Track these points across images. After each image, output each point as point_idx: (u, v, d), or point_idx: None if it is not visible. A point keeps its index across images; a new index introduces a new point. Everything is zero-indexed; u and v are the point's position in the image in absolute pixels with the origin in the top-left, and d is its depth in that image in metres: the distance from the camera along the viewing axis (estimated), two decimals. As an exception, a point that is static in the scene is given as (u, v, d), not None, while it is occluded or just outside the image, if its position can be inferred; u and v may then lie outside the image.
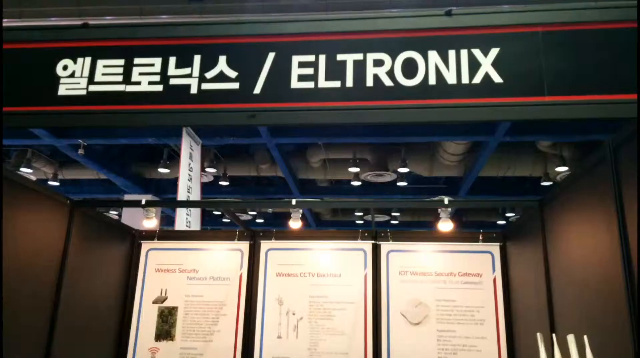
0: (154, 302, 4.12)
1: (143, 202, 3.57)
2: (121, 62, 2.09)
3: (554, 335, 2.09)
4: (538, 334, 2.04)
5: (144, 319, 4.08)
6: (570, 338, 1.96)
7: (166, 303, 4.10)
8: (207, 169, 9.07)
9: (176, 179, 6.65)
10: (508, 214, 10.63)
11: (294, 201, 3.61)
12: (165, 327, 4.04)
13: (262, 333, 3.97)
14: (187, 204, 5.95)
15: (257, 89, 2.02)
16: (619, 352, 2.06)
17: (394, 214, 11.73)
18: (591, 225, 2.47)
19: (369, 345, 3.86)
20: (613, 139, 2.25)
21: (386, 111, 1.93)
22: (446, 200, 3.42)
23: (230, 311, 4.05)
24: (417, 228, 12.17)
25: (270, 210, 9.88)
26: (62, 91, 2.06)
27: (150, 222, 3.70)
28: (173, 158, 8.96)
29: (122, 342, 4.03)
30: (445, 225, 3.60)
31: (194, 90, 2.02)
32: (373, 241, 4.09)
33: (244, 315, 4.03)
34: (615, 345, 2.10)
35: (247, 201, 7.87)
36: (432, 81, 1.98)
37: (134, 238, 4.27)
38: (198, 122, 2.05)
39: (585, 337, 1.96)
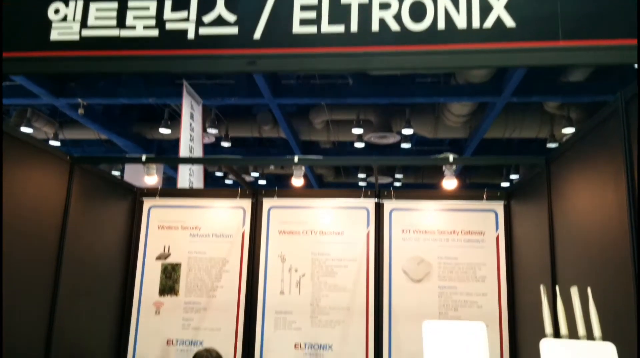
0: (157, 259, 4.13)
1: (143, 158, 3.53)
2: (115, 5, 2.00)
3: (557, 286, 2.06)
4: (542, 286, 2.02)
5: (148, 275, 4.11)
6: (574, 291, 1.94)
7: (169, 260, 4.12)
8: (209, 130, 8.99)
9: (178, 140, 6.59)
10: (512, 176, 10.57)
11: (296, 159, 3.56)
12: (169, 282, 4.07)
13: (264, 289, 4.00)
14: (188, 161, 5.90)
15: (257, 35, 1.93)
16: (622, 305, 2.04)
17: (397, 176, 11.69)
18: (598, 181, 2.42)
19: (370, 301, 3.89)
20: (625, 91, 2.17)
21: (392, 57, 1.84)
22: (451, 157, 3.36)
23: (233, 268, 4.07)
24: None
25: (272, 167, 9.82)
26: (55, 36, 1.98)
27: (152, 178, 3.66)
28: (174, 119, 8.87)
29: (127, 297, 4.07)
30: (450, 183, 3.55)
31: (191, 35, 1.94)
32: (376, 200, 4.06)
33: (246, 272, 4.04)
34: (618, 297, 2.08)
35: (249, 159, 7.82)
36: (441, 25, 1.89)
37: (136, 196, 4.25)
38: (195, 69, 1.98)
39: (589, 288, 1.94)
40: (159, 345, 3.98)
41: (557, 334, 1.97)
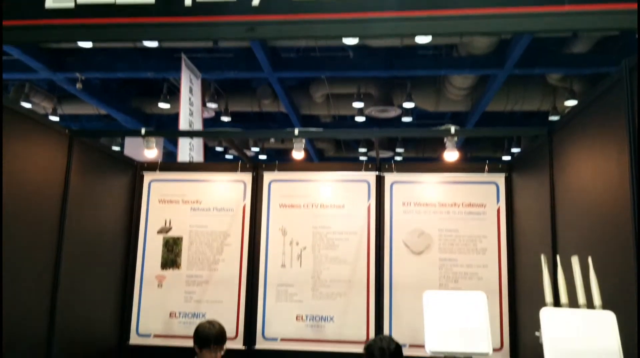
0: (158, 232, 4.14)
1: (143, 132, 3.50)
2: (110, -29, 1.95)
3: (557, 256, 2.07)
4: (542, 256, 2.03)
5: (150, 249, 4.12)
6: (574, 260, 1.95)
7: (171, 234, 4.13)
8: (209, 104, 8.92)
9: (177, 115, 6.54)
10: (514, 150, 10.53)
11: (296, 131, 3.54)
12: (171, 256, 4.09)
13: (266, 262, 4.02)
14: (188, 133, 5.87)
15: (256, 1, 1.89)
16: (623, 275, 2.05)
17: (398, 150, 11.65)
18: (601, 151, 2.40)
19: (371, 273, 3.91)
20: (630, 60, 2.14)
21: (394, 23, 1.80)
22: (452, 129, 3.34)
23: (234, 241, 4.08)
24: (422, 163, 12.11)
25: (272, 140, 9.79)
26: (50, 3, 1.94)
27: (151, 152, 3.64)
28: (173, 93, 8.80)
29: (129, 271, 4.09)
30: (451, 155, 3.53)
31: (188, 2, 1.89)
32: (377, 173, 4.05)
33: (247, 245, 4.06)
34: (618, 268, 2.09)
35: (249, 132, 7.78)
36: (443, -10, 1.84)
37: (136, 170, 4.24)
38: (193, 36, 1.94)
39: (589, 258, 1.94)
40: (161, 317, 4.02)
41: (557, 304, 1.98)
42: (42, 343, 3.11)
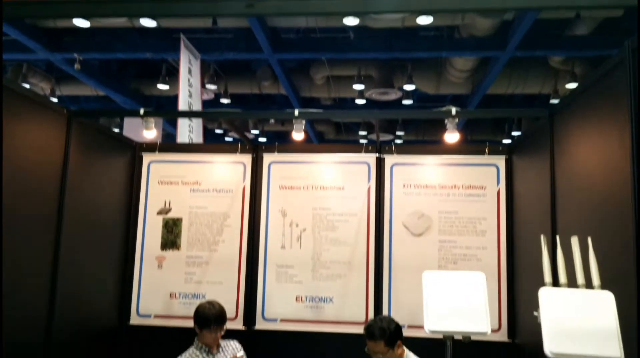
0: (158, 213, 4.14)
1: (141, 112, 3.48)
2: (106, -54, 1.91)
3: (557, 236, 2.07)
4: (542, 236, 2.03)
5: (149, 230, 4.13)
6: (574, 240, 1.95)
7: (170, 215, 4.13)
8: (208, 86, 8.85)
9: (176, 97, 6.50)
10: (514, 133, 10.50)
11: (296, 112, 3.51)
12: (171, 237, 4.10)
13: (266, 244, 4.03)
14: (187, 114, 5.84)
15: (256, -23, 1.86)
16: (621, 255, 2.05)
17: (398, 133, 11.60)
18: (602, 133, 2.39)
19: (371, 255, 3.92)
20: (632, 41, 2.11)
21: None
22: (453, 110, 3.32)
23: (234, 223, 4.08)
24: (422, 144, 12.09)
25: (272, 121, 9.73)
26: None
27: (150, 133, 3.62)
28: (172, 75, 8.73)
29: (129, 252, 4.10)
30: (452, 136, 3.51)
31: (186, -22, 1.86)
32: (377, 155, 4.03)
33: (247, 226, 4.07)
34: (618, 249, 2.09)
35: (248, 113, 7.72)
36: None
37: (135, 151, 4.23)
38: (193, 12, 1.91)
39: (589, 238, 1.94)
40: (162, 298, 4.05)
41: (556, 284, 1.99)
42: (42, 323, 3.13)
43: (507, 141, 10.76)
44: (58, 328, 3.22)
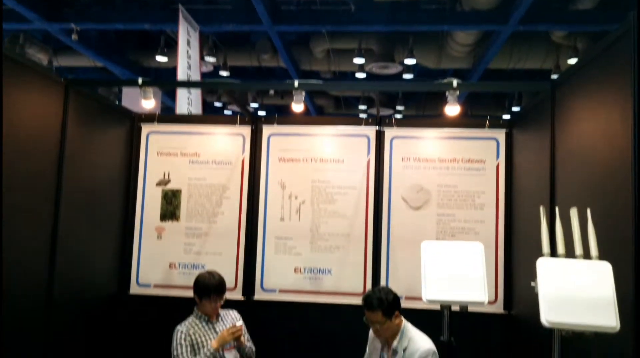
0: (157, 185, 4.15)
1: (140, 81, 3.45)
2: None
3: (556, 207, 2.07)
4: (541, 207, 2.03)
5: (149, 201, 4.14)
6: (573, 211, 1.95)
7: (169, 186, 4.14)
8: (207, 58, 8.75)
9: (175, 69, 6.43)
10: (515, 109, 10.45)
11: (296, 83, 3.49)
12: (170, 208, 4.11)
13: (265, 216, 4.05)
14: (185, 84, 5.79)
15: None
16: (620, 227, 2.06)
17: (398, 108, 11.53)
18: (604, 106, 2.38)
19: (369, 228, 3.95)
20: (638, 12, 2.08)
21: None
22: (455, 82, 3.30)
23: (233, 195, 4.09)
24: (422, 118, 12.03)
25: (272, 92, 9.65)
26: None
27: (149, 102, 3.59)
28: (171, 46, 8.62)
29: (128, 222, 4.12)
30: (453, 109, 3.49)
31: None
32: (377, 127, 4.02)
33: (247, 198, 4.07)
34: (616, 220, 2.09)
35: (248, 84, 7.64)
36: None
37: (134, 121, 4.21)
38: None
39: (588, 209, 1.94)
40: (161, 268, 4.08)
41: (554, 255, 2.00)
42: (42, 293, 3.15)
43: (507, 116, 10.72)
44: (59, 296, 3.26)
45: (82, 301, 3.57)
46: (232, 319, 3.47)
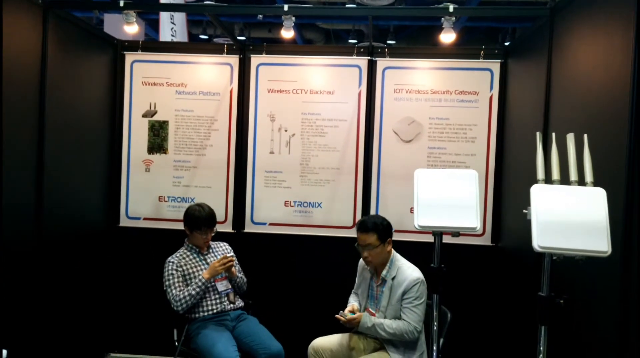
0: (143, 116, 4.03)
1: (121, 4, 3.26)
2: None
3: (553, 134, 2.03)
4: (537, 133, 1.99)
5: (135, 132, 4.04)
6: (570, 137, 1.92)
7: (156, 117, 4.03)
8: (191, -14, 8.35)
9: (158, -3, 6.13)
10: (507, 43, 10.23)
11: (285, 7, 3.32)
12: (157, 140, 4.02)
13: (254, 149, 3.98)
14: (170, 7, 5.54)
15: None
16: (615, 151, 2.03)
17: (389, 42, 11.24)
18: (605, 31, 2.29)
19: (360, 161, 3.91)
20: None
21: None
22: (451, 7, 3.16)
23: (221, 127, 4.01)
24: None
25: (260, 16, 9.31)
26: None
27: (132, 27, 3.41)
28: (153, -28, 8.19)
29: (115, 154, 4.04)
30: (448, 36, 3.37)
31: None
32: (369, 57, 3.90)
33: (235, 131, 3.99)
34: (612, 145, 2.07)
35: (234, 6, 7.31)
36: None
37: (117, 49, 4.03)
38: None
39: (585, 135, 1.91)
40: (150, 201, 4.05)
41: (548, 183, 1.98)
42: (30, 227, 3.09)
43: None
44: (47, 230, 3.20)
45: (72, 236, 3.55)
46: (223, 251, 3.50)
